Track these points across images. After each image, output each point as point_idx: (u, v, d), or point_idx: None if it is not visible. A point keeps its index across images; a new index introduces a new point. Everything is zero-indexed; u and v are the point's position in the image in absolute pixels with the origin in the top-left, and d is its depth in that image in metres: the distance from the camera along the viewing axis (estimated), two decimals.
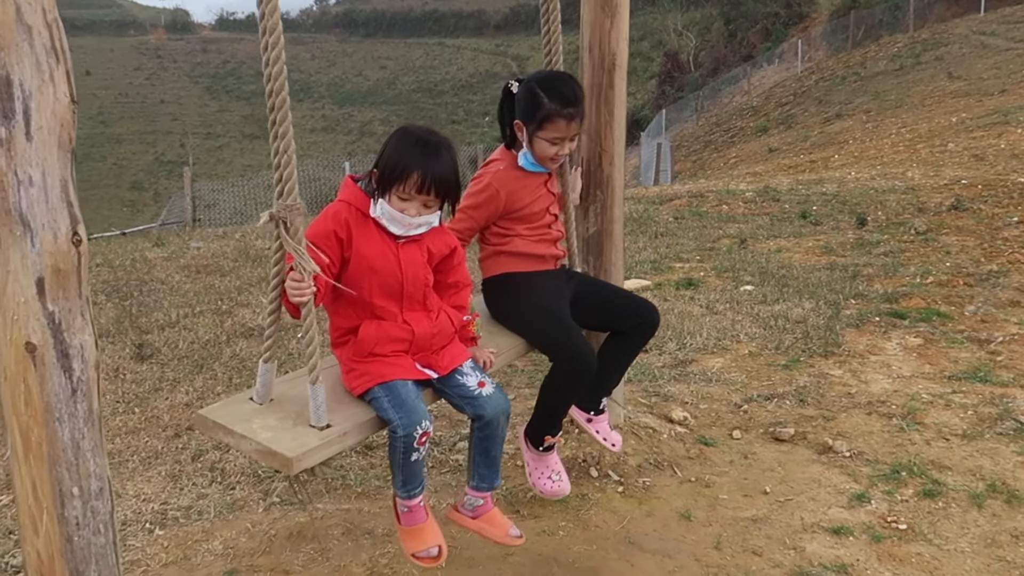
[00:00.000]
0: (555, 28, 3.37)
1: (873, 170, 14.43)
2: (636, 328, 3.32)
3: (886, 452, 3.85)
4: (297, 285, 2.42)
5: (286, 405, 2.64)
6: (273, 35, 2.26)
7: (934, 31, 34.82)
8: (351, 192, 2.69)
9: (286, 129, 2.33)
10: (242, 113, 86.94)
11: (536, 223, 3.27)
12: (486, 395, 2.75)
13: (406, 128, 2.70)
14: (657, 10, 62.52)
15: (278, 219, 2.37)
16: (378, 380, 2.63)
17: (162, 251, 9.62)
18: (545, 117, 3.08)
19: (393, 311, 2.71)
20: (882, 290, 6.43)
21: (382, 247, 2.66)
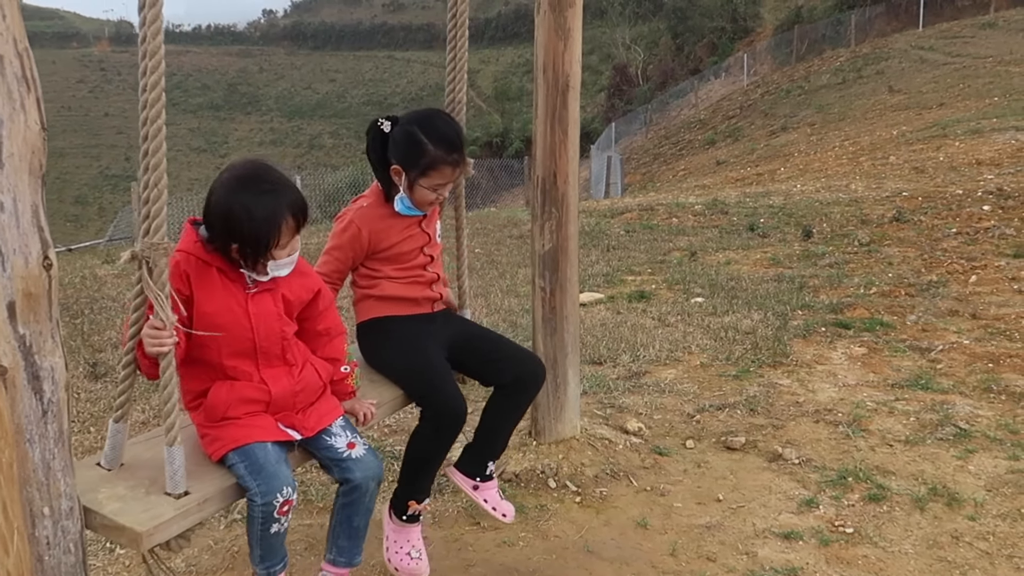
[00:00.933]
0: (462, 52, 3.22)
1: (818, 182, 14.76)
2: (517, 382, 3.07)
3: (833, 458, 3.99)
4: (157, 334, 2.16)
5: (139, 470, 2.38)
6: (154, 58, 2.08)
7: (875, 45, 35.69)
8: (189, 240, 2.41)
9: (159, 160, 2.12)
10: (189, 126, 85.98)
11: (406, 264, 3.04)
12: (355, 457, 2.53)
13: (239, 175, 2.42)
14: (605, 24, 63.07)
15: (141, 259, 2.13)
16: (232, 445, 2.38)
17: (112, 268, 9.54)
18: (430, 164, 2.87)
19: (247, 370, 2.45)
20: (827, 301, 6.62)
21: (228, 301, 2.40)
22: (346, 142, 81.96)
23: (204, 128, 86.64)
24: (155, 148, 2.15)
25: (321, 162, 68.52)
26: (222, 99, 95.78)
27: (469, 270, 3.43)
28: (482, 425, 3.14)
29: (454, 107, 3.22)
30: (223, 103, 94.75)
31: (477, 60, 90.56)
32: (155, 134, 2.14)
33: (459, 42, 3.21)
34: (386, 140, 2.97)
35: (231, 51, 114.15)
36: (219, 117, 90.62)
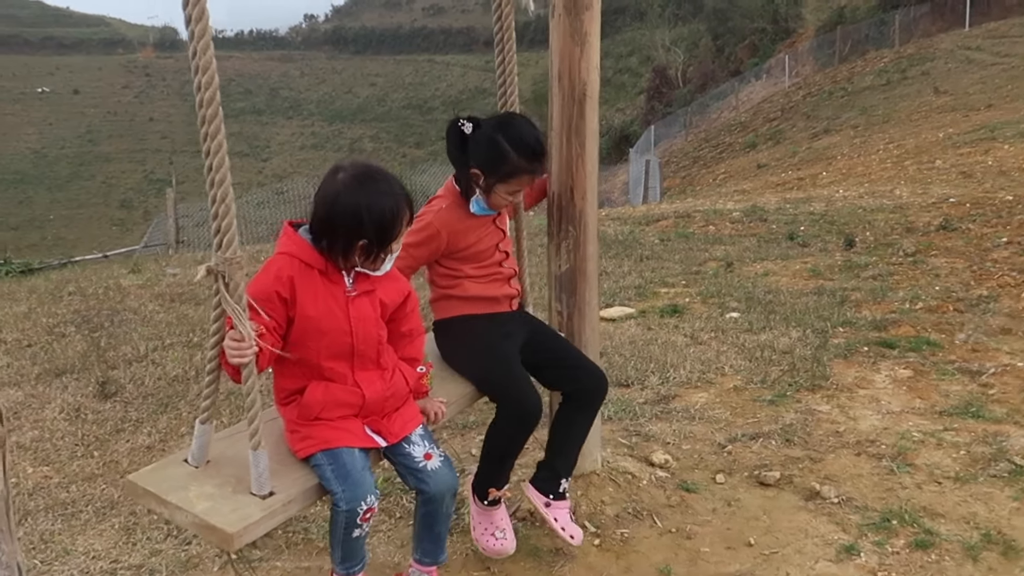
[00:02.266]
0: (511, 58, 3.22)
1: (861, 187, 14.34)
2: (585, 393, 3.18)
3: (876, 497, 3.67)
4: (237, 345, 2.23)
5: (224, 468, 2.45)
6: (207, 73, 2.08)
7: (920, 46, 34.92)
8: (292, 242, 2.48)
9: (223, 176, 2.15)
10: (231, 131, 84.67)
11: (485, 262, 3.15)
12: (431, 469, 2.59)
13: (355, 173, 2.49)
14: (645, 26, 62.68)
15: (217, 273, 2.19)
16: (322, 446, 2.46)
17: (137, 278, 9.42)
18: (511, 172, 2.97)
19: (343, 372, 2.52)
20: (870, 317, 6.27)
21: (329, 304, 2.46)
22: (386, 145, 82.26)
23: (246, 132, 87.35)
24: (219, 163, 2.15)
25: None
26: (264, 103, 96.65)
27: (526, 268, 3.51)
28: (553, 440, 3.21)
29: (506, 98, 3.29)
30: (265, 107, 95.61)
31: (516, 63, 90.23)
32: (217, 149, 2.15)
33: (507, 45, 3.21)
34: (466, 141, 3.03)
35: (273, 56, 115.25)
36: (261, 121, 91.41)
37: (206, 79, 2.08)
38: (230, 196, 2.16)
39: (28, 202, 67.10)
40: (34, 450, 4.64)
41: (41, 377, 5.84)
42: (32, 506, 3.97)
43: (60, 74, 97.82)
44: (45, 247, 51.04)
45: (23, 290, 9.44)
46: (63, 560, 3.46)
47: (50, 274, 11.92)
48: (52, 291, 9.05)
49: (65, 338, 6.94)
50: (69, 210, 65.93)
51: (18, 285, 10.19)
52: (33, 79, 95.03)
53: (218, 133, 2.13)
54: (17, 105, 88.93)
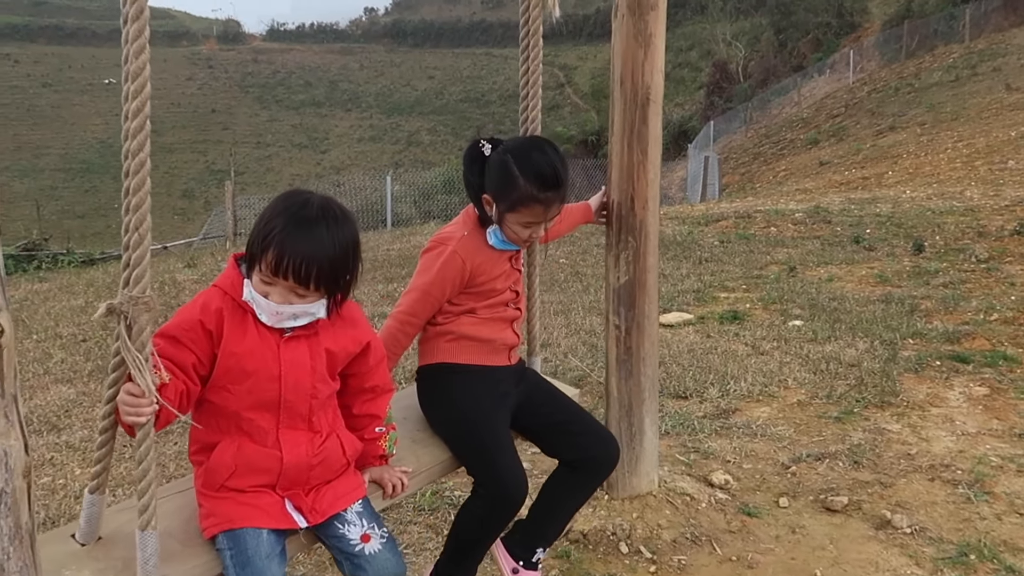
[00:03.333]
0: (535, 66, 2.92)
1: (929, 188, 13.90)
2: (590, 462, 2.78)
3: (951, 528, 3.45)
4: (134, 401, 1.89)
5: (115, 548, 2.08)
6: (137, 82, 1.79)
7: (991, 41, 33.88)
8: (229, 276, 2.14)
9: (141, 200, 1.82)
10: (291, 123, 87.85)
11: (493, 300, 2.75)
12: (369, 554, 2.19)
13: (292, 190, 2.18)
14: (706, 19, 61.89)
15: (120, 313, 1.85)
16: (224, 527, 2.09)
17: (192, 273, 9.46)
18: (519, 200, 2.57)
19: (265, 427, 2.15)
20: (942, 328, 5.99)
21: (258, 343, 2.11)
22: (443, 139, 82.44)
23: (306, 124, 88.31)
24: (137, 186, 1.83)
25: (418, 159, 69.11)
26: (324, 96, 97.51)
27: (549, 285, 3.23)
28: (540, 503, 2.81)
29: (528, 123, 2.95)
30: (324, 100, 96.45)
31: (575, 57, 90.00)
32: (138, 169, 1.83)
33: (532, 52, 2.92)
34: (484, 164, 2.67)
35: (333, 48, 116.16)
36: (320, 114, 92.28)
37: (135, 87, 1.79)
38: (145, 225, 1.84)
39: (94, 191, 68.63)
40: (83, 450, 4.61)
41: (94, 374, 5.84)
42: (78, 509, 3.91)
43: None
44: (109, 235, 52.10)
45: (82, 283, 9.54)
46: None
47: (109, 266, 12.06)
48: (109, 285, 9.13)
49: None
50: None
51: (77, 277, 10.32)
52: (100, 71, 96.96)
53: (141, 150, 1.81)
54: (85, 96, 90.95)
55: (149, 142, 1.83)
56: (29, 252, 15.27)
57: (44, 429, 4.87)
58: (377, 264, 9.09)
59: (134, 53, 1.78)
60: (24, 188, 66.82)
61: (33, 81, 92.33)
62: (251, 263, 2.10)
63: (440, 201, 27.15)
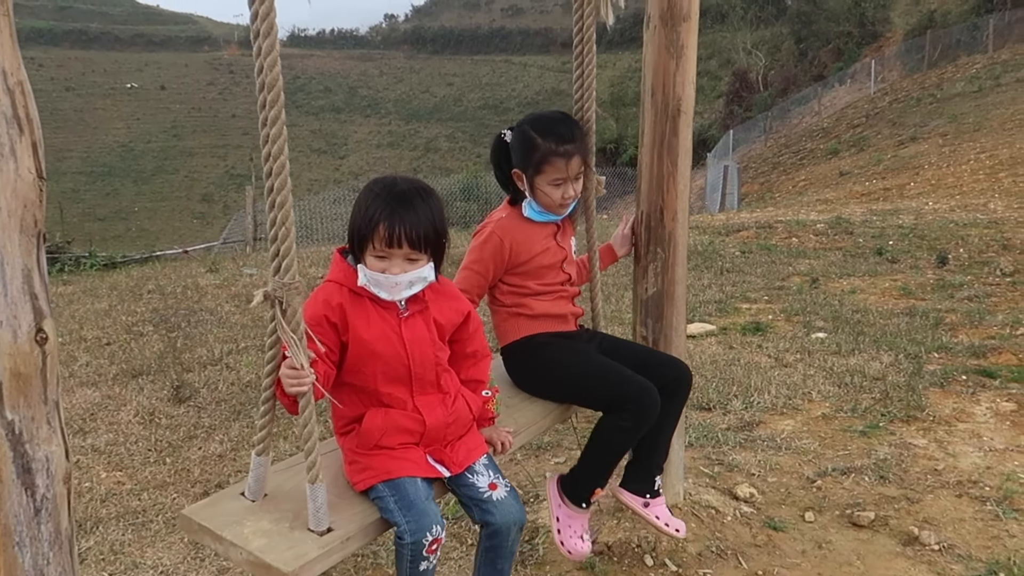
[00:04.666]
0: (590, 70, 3.08)
1: (952, 200, 13.81)
2: (670, 385, 3.00)
3: (980, 545, 3.42)
4: (294, 374, 2.11)
5: (282, 502, 2.35)
6: (272, 92, 1.95)
7: (1015, 52, 33.65)
8: (340, 269, 2.40)
9: (285, 198, 2.03)
10: (310, 128, 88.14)
11: (549, 279, 3.04)
12: (496, 500, 2.44)
13: (375, 179, 2.42)
14: (726, 28, 61.67)
15: (274, 299, 2.07)
16: (383, 477, 2.35)
17: (215, 278, 9.50)
18: (542, 159, 2.87)
19: (402, 397, 2.41)
20: (968, 342, 5.95)
21: (382, 327, 2.37)
22: (461, 145, 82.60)
23: (325, 130, 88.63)
24: (280, 185, 2.01)
25: (437, 165, 69.32)
26: (343, 101, 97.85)
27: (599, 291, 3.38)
28: (642, 438, 3.02)
29: (583, 121, 3.12)
30: (344, 105, 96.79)
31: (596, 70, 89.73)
32: (279, 171, 2.00)
33: (587, 58, 3.07)
34: (508, 149, 3.00)
35: (353, 55, 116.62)
36: (339, 119, 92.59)
37: (272, 96, 1.96)
38: (291, 219, 2.05)
39: (115, 194, 69.11)
40: (108, 454, 4.64)
41: (118, 378, 5.88)
42: (104, 513, 3.95)
43: (148, 70, 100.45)
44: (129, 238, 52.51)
45: (105, 286, 9.59)
46: (131, 574, 3.42)
47: (131, 270, 12.12)
48: (132, 288, 9.18)
49: (143, 337, 6.99)
50: (153, 203, 67.71)
51: (100, 280, 10.38)
52: (123, 75, 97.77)
53: (281, 153, 2.01)
54: (107, 100, 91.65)
55: (287, 146, 2.01)
56: (52, 255, 15.37)
57: (69, 432, 4.88)
58: None
59: (268, 66, 1.94)
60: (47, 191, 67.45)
61: (56, 85, 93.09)
62: (360, 249, 2.32)
63: (459, 208, 27.21)
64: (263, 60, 1.93)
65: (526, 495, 3.89)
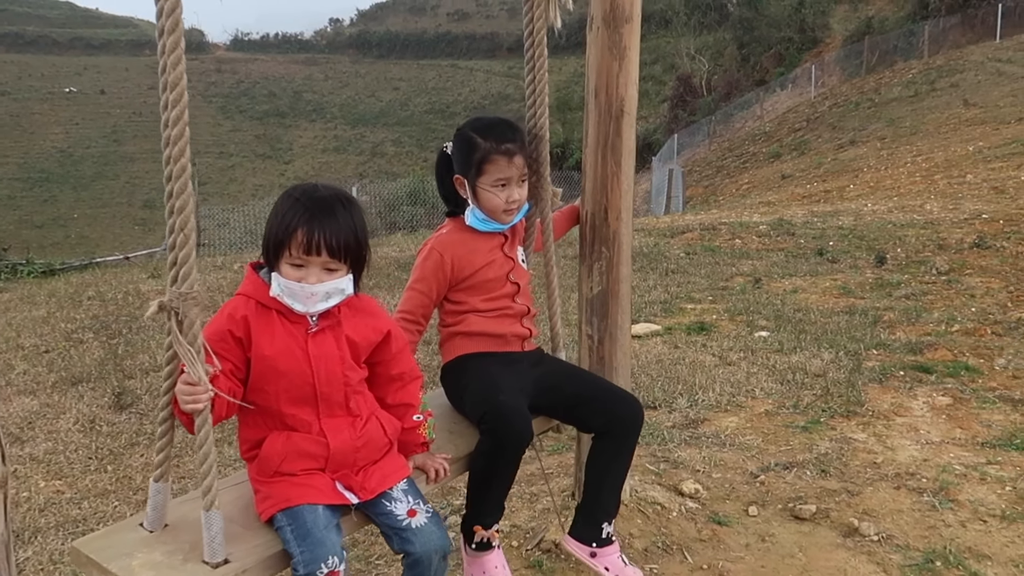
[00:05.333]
0: (541, 75, 3.06)
1: (890, 202, 14.12)
2: (614, 424, 2.85)
3: (917, 536, 3.50)
4: (191, 390, 2.00)
5: (182, 533, 2.21)
6: (175, 91, 1.89)
7: (949, 57, 34.57)
8: (250, 282, 2.29)
9: (185, 202, 1.94)
10: (255, 133, 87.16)
11: (494, 293, 2.89)
12: (416, 527, 2.31)
13: (293, 185, 2.34)
14: (670, 33, 62.36)
15: (170, 310, 1.97)
16: (282, 505, 2.22)
17: (157, 283, 9.36)
18: (483, 158, 2.77)
19: (307, 419, 2.28)
20: (905, 339, 6.09)
21: (287, 342, 2.24)
22: (408, 150, 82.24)
23: (270, 135, 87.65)
24: (180, 189, 1.94)
25: (383, 170, 68.89)
26: (288, 106, 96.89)
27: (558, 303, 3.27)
28: (588, 481, 2.92)
29: (536, 128, 3.07)
30: (289, 110, 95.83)
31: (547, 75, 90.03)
32: (179, 173, 1.94)
33: (538, 62, 3.05)
34: (451, 162, 2.91)
35: (297, 59, 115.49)
36: (284, 124, 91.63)
37: (174, 96, 1.89)
38: (190, 225, 1.96)
39: (53, 201, 67.56)
40: (47, 463, 4.55)
41: (57, 385, 5.76)
42: (43, 523, 3.88)
43: (87, 74, 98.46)
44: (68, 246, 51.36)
45: (43, 293, 9.40)
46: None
47: (71, 276, 11.88)
48: (72, 295, 9.00)
49: (83, 344, 6.87)
50: (93, 209, 66.34)
51: (39, 287, 10.16)
52: (61, 79, 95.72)
53: (182, 155, 1.93)
54: (45, 104, 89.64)
55: (189, 148, 1.95)
56: None
57: (7, 442, 4.78)
58: None
59: (172, 64, 1.88)
60: None
61: None
62: (276, 256, 2.22)
63: (405, 212, 27.14)
64: (167, 58, 1.87)
65: None
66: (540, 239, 3.15)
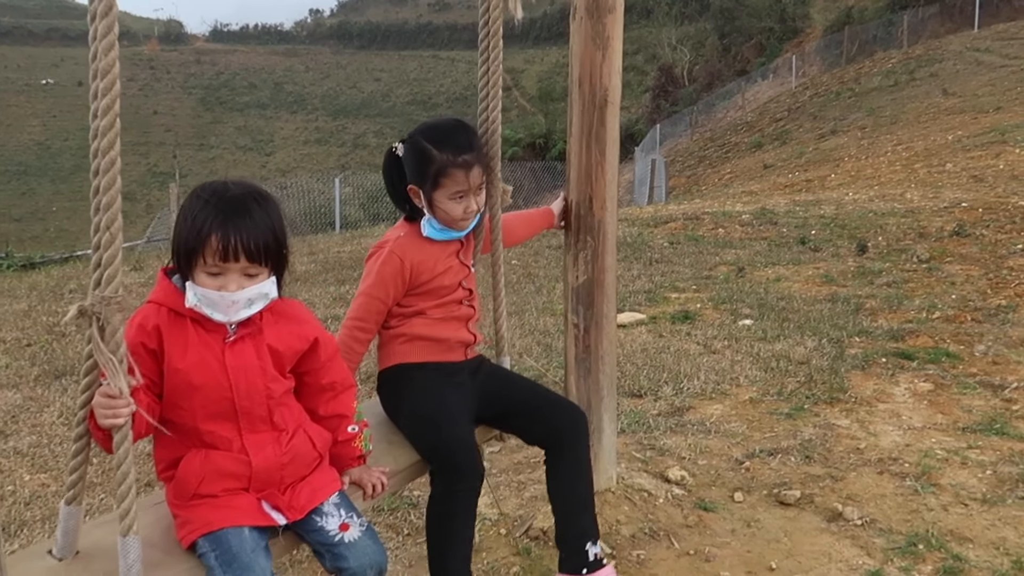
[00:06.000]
0: (495, 67, 2.92)
1: (871, 191, 14.20)
2: (555, 436, 2.79)
3: (900, 519, 3.55)
4: (110, 403, 1.82)
5: (95, 561, 2.03)
6: (106, 79, 1.79)
7: (928, 47, 34.76)
8: (162, 288, 2.09)
9: (112, 199, 1.79)
10: (235, 124, 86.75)
11: (444, 298, 2.77)
12: (348, 541, 2.17)
13: (201, 185, 2.13)
14: (652, 23, 62.50)
15: (92, 315, 1.79)
16: (203, 530, 2.05)
17: (139, 276, 9.32)
18: (439, 172, 2.61)
19: (227, 436, 2.11)
20: (887, 326, 6.15)
21: (201, 353, 2.06)
22: (390, 141, 79.84)
23: (250, 127, 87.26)
24: (108, 184, 1.80)
25: (365, 161, 68.60)
26: (268, 98, 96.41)
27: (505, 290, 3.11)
28: (555, 505, 2.82)
29: (488, 122, 2.91)
30: (269, 102, 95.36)
31: (522, 60, 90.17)
32: (108, 167, 1.80)
33: (492, 53, 2.90)
34: (401, 164, 2.73)
35: (278, 50, 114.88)
36: (265, 116, 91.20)
37: (105, 84, 1.77)
38: (117, 224, 1.80)
39: (31, 194, 67.05)
40: (32, 456, 4.53)
41: (40, 379, 5.73)
42: (28, 516, 3.86)
43: (65, 66, 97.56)
44: (48, 239, 50.97)
45: (24, 286, 9.33)
46: None
47: (51, 269, 11.81)
48: (53, 288, 8.95)
49: (65, 338, 6.83)
50: (72, 202, 65.80)
51: (19, 281, 10.09)
52: (38, 71, 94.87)
53: (111, 148, 1.79)
54: (21, 96, 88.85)
55: (119, 140, 1.80)
56: None
57: None
58: (328, 266, 9.01)
59: (103, 50, 1.77)
60: None
61: None
62: (188, 264, 2.03)
63: (388, 204, 26.97)
64: (98, 44, 1.77)
65: None
66: (488, 239, 2.99)
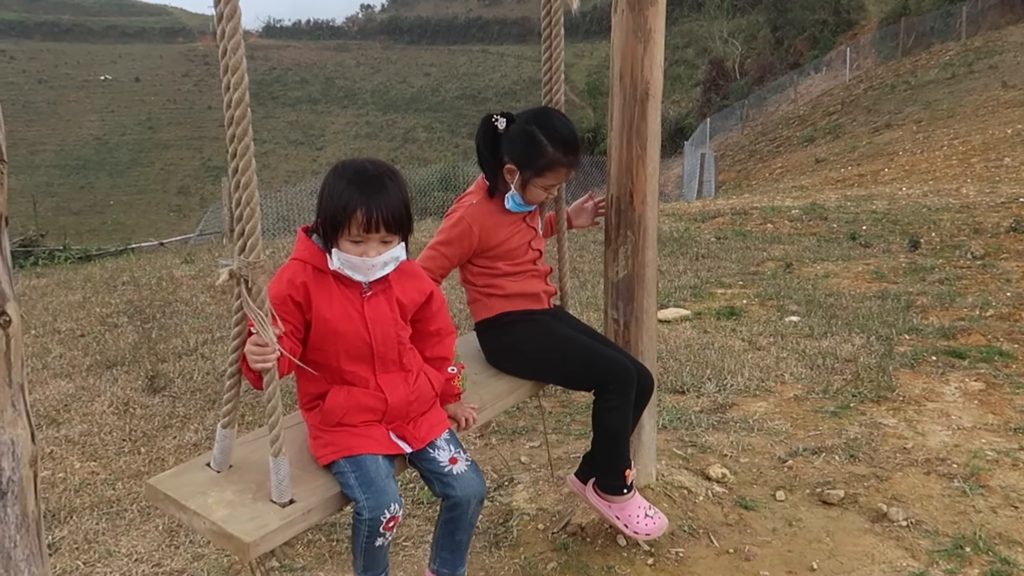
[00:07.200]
0: (558, 55, 3.17)
1: (925, 185, 13.93)
2: None
3: (947, 521, 3.47)
4: (259, 350, 2.17)
5: (246, 473, 2.40)
6: (236, 73, 2.01)
7: (988, 39, 33.90)
8: (305, 248, 2.43)
9: (249, 179, 2.07)
10: (287, 119, 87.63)
11: (519, 260, 3.08)
12: (456, 473, 2.51)
13: (341, 163, 2.44)
14: (703, 17, 61.83)
15: (239, 277, 2.13)
16: (345, 453, 2.40)
17: (190, 269, 9.46)
18: (547, 165, 2.91)
19: (364, 376, 2.46)
20: (938, 324, 6.02)
21: (344, 306, 2.41)
22: (439, 136, 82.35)
23: (302, 121, 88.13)
24: (245, 166, 2.07)
25: (415, 156, 69.02)
26: (320, 92, 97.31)
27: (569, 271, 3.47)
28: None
29: (552, 104, 3.20)
30: (321, 96, 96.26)
31: (571, 54, 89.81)
32: (244, 151, 2.06)
33: (555, 42, 3.15)
34: (498, 137, 2.97)
35: (329, 45, 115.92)
36: (316, 111, 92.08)
37: (235, 79, 2.01)
38: (255, 199, 2.10)
39: (89, 187, 68.50)
40: (82, 444, 4.63)
41: (92, 369, 5.85)
42: (78, 503, 3.95)
43: (122, 62, 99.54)
44: (105, 232, 52.04)
45: (79, 278, 9.53)
46: (105, 562, 3.42)
47: (106, 262, 12.05)
48: (107, 280, 9.13)
49: (117, 329, 6.97)
50: (128, 196, 67.17)
51: (75, 273, 10.31)
52: (96, 67, 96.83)
53: (245, 135, 2.06)
54: (80, 92, 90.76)
55: (251, 128, 2.06)
56: (26, 248, 15.25)
57: (43, 423, 4.88)
58: None
59: (232, 48, 1.99)
60: (20, 185, 66.51)
61: (28, 77, 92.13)
62: (334, 233, 2.34)
63: (437, 198, 27.13)
64: (227, 43, 1.97)
65: (500, 479, 3.92)
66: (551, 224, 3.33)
